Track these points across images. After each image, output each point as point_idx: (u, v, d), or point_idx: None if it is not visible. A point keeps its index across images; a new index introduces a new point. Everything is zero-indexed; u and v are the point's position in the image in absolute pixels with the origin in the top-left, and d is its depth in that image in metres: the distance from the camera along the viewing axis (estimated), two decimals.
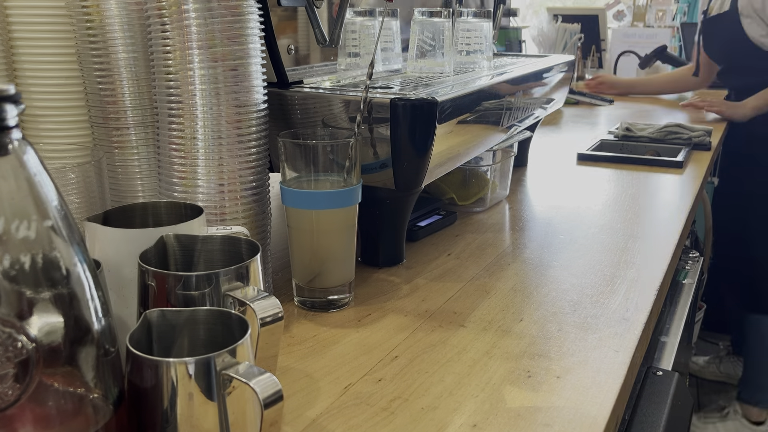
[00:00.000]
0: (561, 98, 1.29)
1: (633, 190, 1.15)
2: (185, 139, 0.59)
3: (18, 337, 0.31)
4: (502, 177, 1.08)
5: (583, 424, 0.51)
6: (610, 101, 2.17)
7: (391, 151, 0.72)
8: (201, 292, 0.45)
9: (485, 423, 0.50)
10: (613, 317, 0.68)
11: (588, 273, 0.79)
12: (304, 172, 0.66)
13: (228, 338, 0.41)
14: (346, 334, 0.64)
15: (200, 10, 0.57)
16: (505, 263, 0.82)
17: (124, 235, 0.50)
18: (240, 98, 0.60)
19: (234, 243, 0.51)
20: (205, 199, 0.60)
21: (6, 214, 0.31)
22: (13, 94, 0.31)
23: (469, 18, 0.97)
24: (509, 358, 0.60)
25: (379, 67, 0.91)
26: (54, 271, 0.33)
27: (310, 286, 0.69)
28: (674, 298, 1.25)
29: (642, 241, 0.89)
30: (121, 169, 0.67)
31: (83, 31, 0.64)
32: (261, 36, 0.62)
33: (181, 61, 0.58)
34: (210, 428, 0.38)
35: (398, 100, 0.70)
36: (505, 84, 0.94)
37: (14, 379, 0.32)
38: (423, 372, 0.57)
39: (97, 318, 0.35)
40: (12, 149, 0.32)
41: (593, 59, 2.75)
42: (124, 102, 0.65)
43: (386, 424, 0.50)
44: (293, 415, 0.51)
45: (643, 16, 3.06)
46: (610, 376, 0.57)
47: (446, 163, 0.83)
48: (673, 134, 1.49)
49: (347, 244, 0.68)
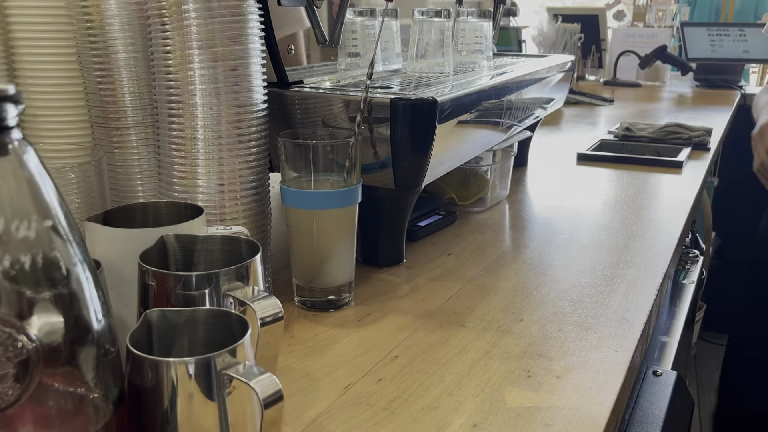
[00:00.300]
0: (561, 98, 1.29)
1: (633, 190, 1.15)
2: (185, 139, 0.59)
3: (18, 337, 0.31)
4: (502, 177, 1.08)
5: (583, 424, 0.51)
6: (610, 101, 2.17)
7: (391, 151, 0.72)
8: (201, 292, 0.45)
9: (485, 423, 0.50)
10: (613, 317, 0.68)
11: (588, 273, 0.79)
12: (304, 172, 0.66)
13: (228, 338, 0.41)
14: (346, 334, 0.64)
15: (200, 9, 0.57)
16: (505, 263, 0.82)
17: (124, 235, 0.50)
18: (240, 98, 0.60)
19: (234, 243, 0.51)
20: (205, 199, 0.60)
21: (6, 214, 0.31)
22: (13, 94, 0.31)
23: (469, 18, 0.97)
24: (509, 358, 0.60)
25: (379, 67, 0.91)
26: (54, 271, 0.33)
27: (310, 286, 0.69)
28: (674, 298, 1.25)
29: (642, 241, 0.89)
30: (121, 169, 0.67)
31: (83, 31, 0.64)
32: (261, 36, 0.62)
33: (181, 61, 0.58)
34: (210, 428, 0.38)
35: (398, 100, 0.70)
36: (505, 84, 0.94)
37: (14, 379, 0.32)
38: (423, 372, 0.57)
39: (97, 318, 0.35)
40: (12, 149, 0.32)
41: (593, 59, 2.75)
42: (124, 102, 0.65)
43: (386, 424, 0.50)
44: (293, 415, 0.51)
45: (643, 16, 3.06)
46: (610, 376, 0.57)
47: (446, 163, 0.83)
48: (673, 134, 1.49)
49: (347, 244, 0.68)
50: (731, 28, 2.68)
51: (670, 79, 2.77)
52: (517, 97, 1.00)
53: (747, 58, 2.63)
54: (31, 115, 0.66)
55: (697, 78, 2.62)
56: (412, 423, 0.50)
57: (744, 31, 2.65)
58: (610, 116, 1.94)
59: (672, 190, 1.17)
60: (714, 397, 2.13)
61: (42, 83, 0.66)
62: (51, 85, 0.66)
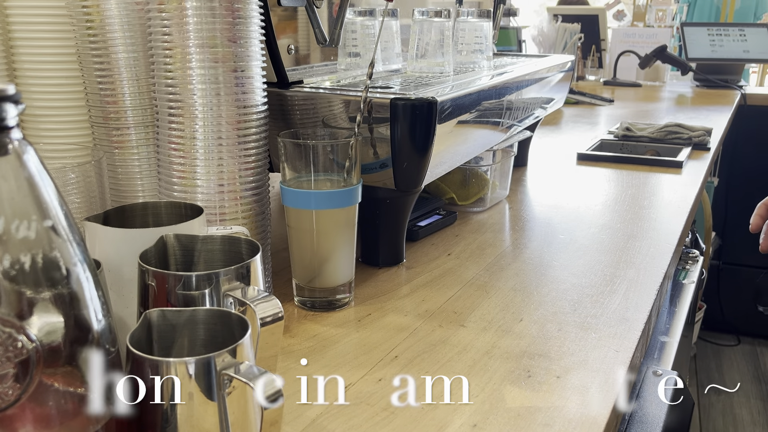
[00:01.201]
0: (561, 98, 1.29)
1: (633, 190, 1.15)
2: (185, 139, 0.59)
3: (18, 337, 0.31)
4: (502, 177, 1.08)
5: (583, 424, 0.51)
6: (610, 101, 2.17)
7: (391, 151, 0.72)
8: (201, 292, 0.45)
9: (485, 423, 0.50)
10: (613, 317, 0.68)
11: (588, 273, 0.79)
12: (304, 172, 0.66)
13: (228, 338, 0.41)
14: (346, 334, 0.64)
15: (201, 8, 0.57)
16: (505, 263, 0.82)
17: (124, 235, 0.50)
18: (240, 99, 0.60)
19: (234, 243, 0.51)
20: (205, 199, 0.60)
21: (6, 214, 0.31)
22: (13, 94, 0.31)
23: (469, 18, 0.97)
24: (509, 358, 0.60)
25: (379, 67, 0.91)
26: (54, 271, 0.33)
27: (310, 286, 0.69)
28: (674, 298, 1.25)
29: (642, 241, 0.89)
30: (121, 169, 0.67)
31: (83, 31, 0.64)
32: (262, 38, 0.62)
33: (181, 61, 0.58)
34: (210, 428, 0.38)
35: (398, 100, 0.70)
36: (505, 84, 0.94)
37: (14, 379, 0.32)
38: (423, 372, 0.57)
39: (97, 318, 0.35)
40: (12, 149, 0.32)
41: (593, 59, 2.75)
42: (124, 102, 0.65)
43: (386, 424, 0.50)
44: (293, 415, 0.51)
45: (643, 16, 3.06)
46: (610, 376, 0.57)
47: (446, 163, 0.83)
48: (673, 134, 1.49)
49: (347, 244, 0.68)
50: (731, 28, 2.68)
51: (670, 79, 2.77)
52: (517, 97, 1.00)
53: (747, 58, 2.63)
54: (31, 115, 0.66)
55: (697, 78, 2.62)
56: (412, 423, 0.50)
57: (744, 31, 2.65)
58: (610, 116, 1.94)
59: (672, 190, 1.16)
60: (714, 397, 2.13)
61: (42, 83, 0.66)
62: (51, 85, 0.66)
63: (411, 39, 0.91)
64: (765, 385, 2.43)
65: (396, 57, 0.94)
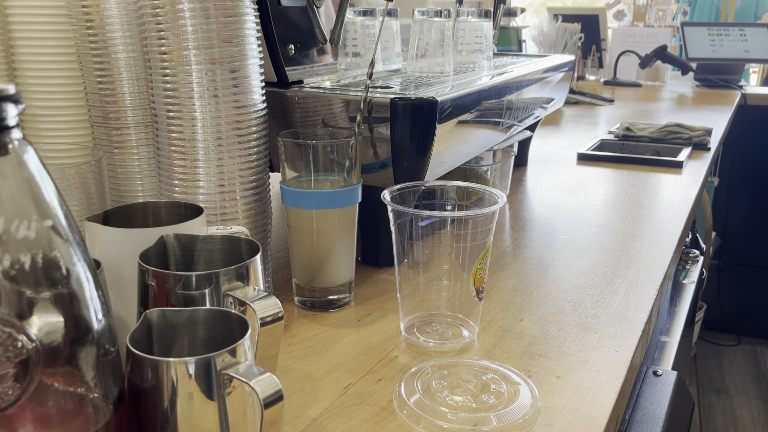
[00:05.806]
0: (561, 98, 1.29)
1: (633, 190, 1.15)
2: (184, 140, 0.59)
3: (18, 337, 0.31)
4: (502, 177, 1.08)
5: (583, 424, 0.51)
6: (610, 101, 2.17)
7: (391, 150, 0.72)
8: (201, 292, 0.45)
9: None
10: (613, 317, 0.68)
11: (588, 273, 0.79)
12: (304, 172, 0.66)
13: (228, 338, 0.41)
14: (346, 334, 0.64)
15: (195, 10, 0.57)
16: (505, 263, 0.82)
17: (124, 235, 0.50)
18: (239, 99, 0.60)
19: (234, 243, 0.51)
20: (205, 199, 0.60)
21: (6, 214, 0.31)
22: (13, 94, 0.31)
23: (469, 18, 0.97)
24: (509, 358, 0.60)
25: (379, 67, 0.91)
26: (54, 271, 0.33)
27: (310, 286, 0.69)
28: (674, 298, 1.25)
29: (642, 241, 0.89)
30: (121, 169, 0.67)
31: (83, 31, 0.64)
32: (258, 36, 0.62)
33: (178, 63, 0.58)
34: (210, 428, 0.38)
35: (398, 100, 0.70)
36: (505, 84, 0.94)
37: (14, 379, 0.32)
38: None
39: (97, 318, 0.35)
40: (12, 149, 0.32)
41: (593, 59, 2.75)
42: (124, 102, 0.65)
43: (386, 424, 0.50)
44: (293, 415, 0.51)
45: (643, 16, 3.06)
46: (610, 376, 0.57)
47: (446, 163, 0.83)
48: (673, 134, 1.49)
49: (347, 244, 0.68)
50: (731, 28, 2.68)
51: (670, 78, 2.77)
52: (517, 97, 1.00)
53: (747, 58, 2.63)
54: (31, 115, 0.66)
55: (698, 78, 2.62)
56: (412, 423, 0.50)
57: (744, 31, 2.65)
58: (610, 116, 1.94)
59: (672, 190, 1.16)
60: (714, 397, 2.13)
61: (42, 83, 0.66)
62: (51, 85, 0.66)
63: (411, 39, 0.91)
64: (765, 385, 2.43)
65: (396, 57, 0.94)
